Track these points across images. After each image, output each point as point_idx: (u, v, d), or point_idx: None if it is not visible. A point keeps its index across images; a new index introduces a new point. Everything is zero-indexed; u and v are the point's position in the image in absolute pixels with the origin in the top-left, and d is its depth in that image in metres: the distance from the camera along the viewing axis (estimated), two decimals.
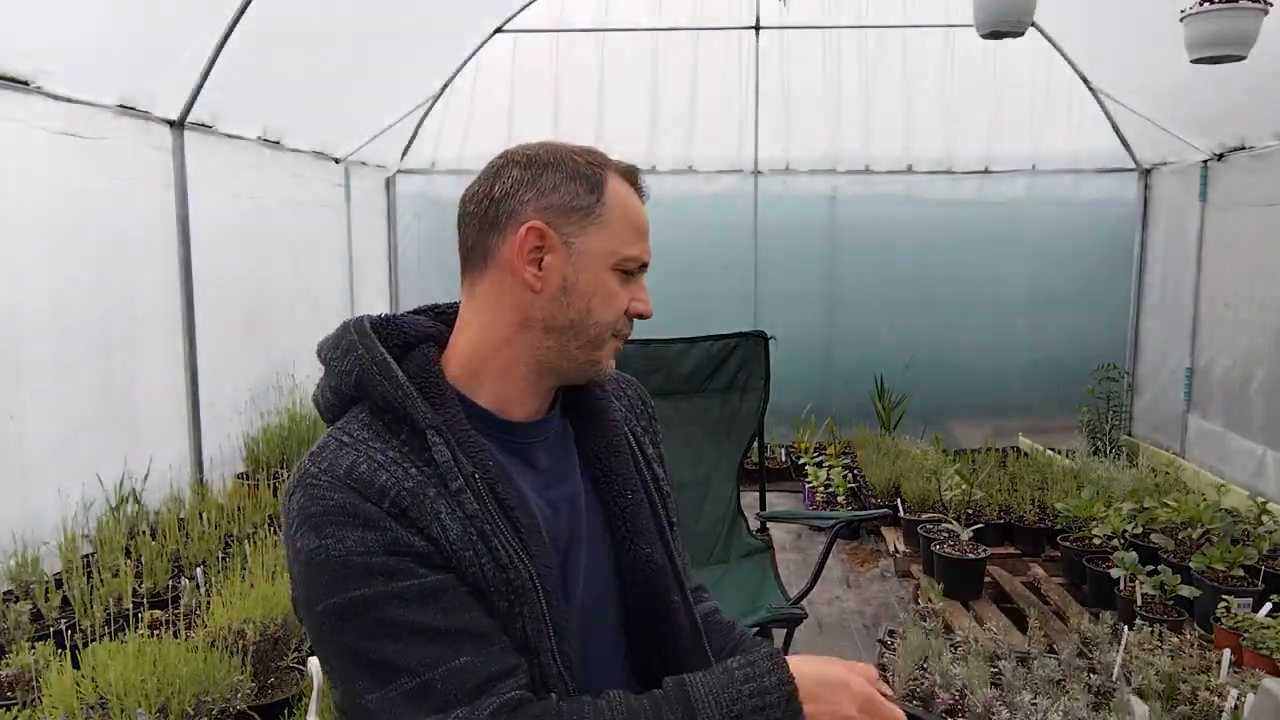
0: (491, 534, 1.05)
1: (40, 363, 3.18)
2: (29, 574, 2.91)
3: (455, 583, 1.03)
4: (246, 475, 4.30)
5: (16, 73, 2.97)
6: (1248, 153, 4.75)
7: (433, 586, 1.01)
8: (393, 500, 1.03)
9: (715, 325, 3.47)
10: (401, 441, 1.09)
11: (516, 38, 5.97)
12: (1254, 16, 3.19)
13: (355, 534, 1.01)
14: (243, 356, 4.46)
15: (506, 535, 1.06)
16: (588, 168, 1.16)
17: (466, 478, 1.07)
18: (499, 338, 1.16)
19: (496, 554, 1.04)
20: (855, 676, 1.06)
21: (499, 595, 1.05)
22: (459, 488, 1.06)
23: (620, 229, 1.17)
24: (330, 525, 1.01)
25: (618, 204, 1.17)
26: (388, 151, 6.03)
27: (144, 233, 3.76)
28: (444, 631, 1.00)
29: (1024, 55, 5.62)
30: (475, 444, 1.11)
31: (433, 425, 1.10)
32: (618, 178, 1.19)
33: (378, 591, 0.99)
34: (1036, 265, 6.17)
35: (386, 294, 6.34)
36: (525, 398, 1.20)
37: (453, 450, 1.08)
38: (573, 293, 1.14)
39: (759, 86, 6.01)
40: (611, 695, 1.03)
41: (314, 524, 1.01)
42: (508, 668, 1.02)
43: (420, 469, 1.07)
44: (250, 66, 3.92)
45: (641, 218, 1.21)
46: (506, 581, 1.05)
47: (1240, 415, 4.79)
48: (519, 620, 1.05)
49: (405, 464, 1.07)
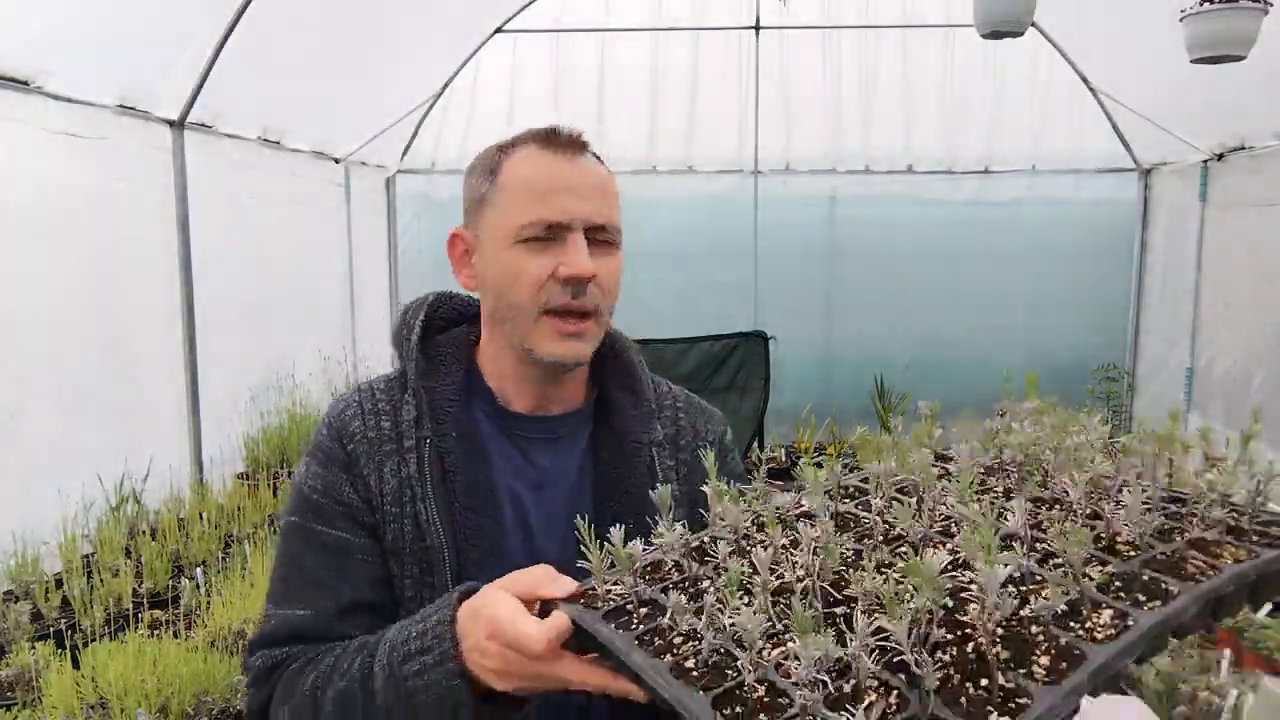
0: (420, 498, 1.12)
1: (40, 362, 3.17)
2: (29, 574, 2.91)
3: (364, 547, 1.14)
4: (246, 475, 4.29)
5: (16, 73, 2.96)
6: (1248, 153, 4.74)
7: (338, 544, 1.14)
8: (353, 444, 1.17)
9: (715, 325, 3.47)
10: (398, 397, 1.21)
11: (516, 38, 5.97)
12: (1254, 16, 3.19)
13: (315, 469, 1.18)
14: (243, 357, 4.45)
15: (433, 502, 1.12)
16: (493, 155, 1.20)
17: (418, 440, 1.15)
18: (486, 329, 1.25)
19: (418, 518, 1.12)
20: (500, 595, 0.91)
21: (413, 559, 1.12)
22: (409, 447, 1.15)
23: (515, 199, 1.14)
24: (309, 456, 1.21)
25: (513, 176, 1.16)
26: (388, 151, 6.02)
27: (144, 233, 3.76)
28: (320, 584, 1.13)
29: (1024, 55, 5.61)
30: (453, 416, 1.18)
31: (414, 388, 1.19)
32: (527, 147, 1.17)
33: (303, 524, 1.16)
34: (1036, 265, 6.17)
35: (386, 294, 6.33)
36: (520, 387, 1.23)
37: (420, 413, 1.17)
38: (486, 282, 1.20)
39: (759, 86, 6.00)
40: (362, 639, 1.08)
41: (307, 451, 1.22)
42: (315, 633, 1.11)
43: (394, 423, 1.18)
44: (250, 67, 3.91)
45: (546, 177, 1.15)
46: (423, 549, 1.11)
47: (1241, 415, 4.79)
48: (427, 589, 1.12)
49: (385, 416, 1.19)
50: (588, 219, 1.13)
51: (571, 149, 1.16)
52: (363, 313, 5.90)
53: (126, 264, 3.65)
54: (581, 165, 1.16)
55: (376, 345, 5.92)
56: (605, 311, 1.19)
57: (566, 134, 1.17)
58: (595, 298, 1.15)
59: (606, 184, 1.19)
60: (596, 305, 1.16)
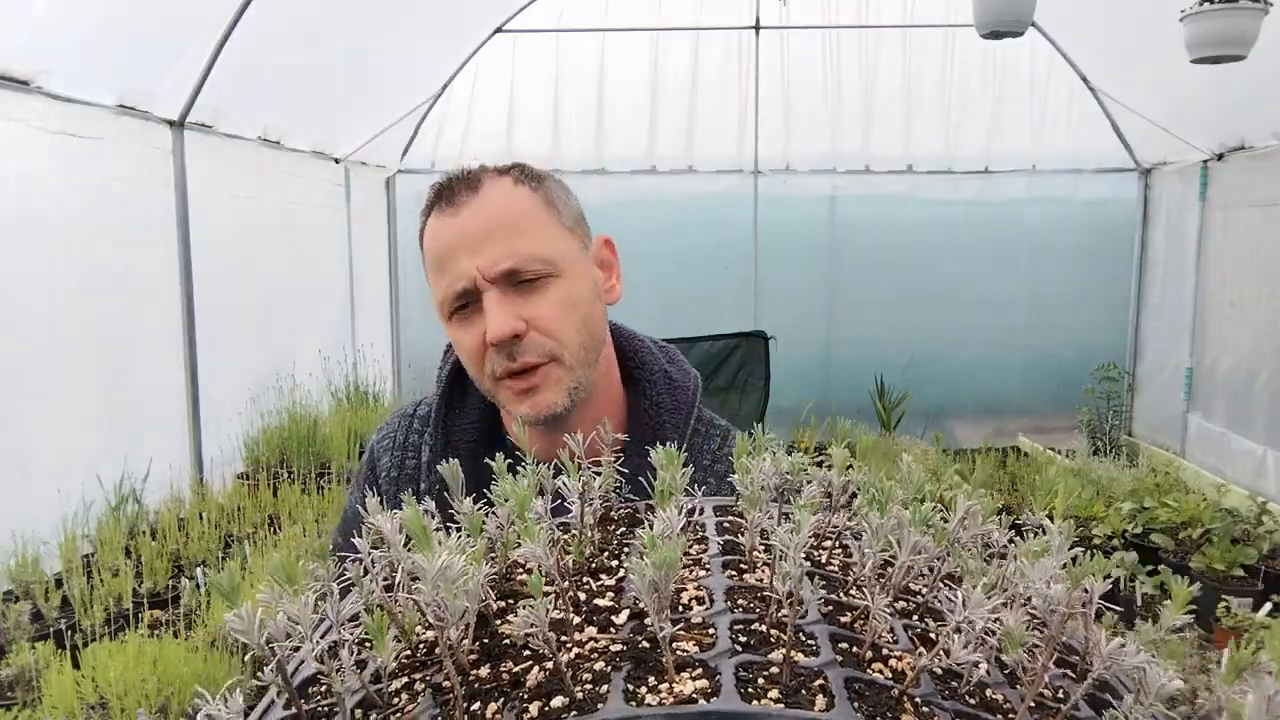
0: None
1: (40, 362, 3.17)
2: (29, 574, 2.91)
3: None
4: (246, 475, 4.29)
5: (16, 73, 2.96)
6: (1248, 153, 4.74)
7: None
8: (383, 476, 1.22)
9: (715, 325, 3.47)
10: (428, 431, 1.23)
11: (516, 38, 5.97)
12: (1254, 16, 3.19)
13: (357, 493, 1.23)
14: (243, 356, 4.45)
15: None
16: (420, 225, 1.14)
17: (430, 484, 1.16)
18: None
19: None
20: None
21: None
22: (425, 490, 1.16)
23: (431, 276, 1.09)
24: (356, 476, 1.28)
25: (425, 251, 1.11)
26: (388, 151, 6.02)
27: (144, 233, 3.75)
28: None
29: (1024, 55, 5.62)
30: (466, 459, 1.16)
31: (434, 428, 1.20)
32: (431, 212, 1.10)
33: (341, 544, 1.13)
34: (1036, 265, 6.17)
35: (386, 294, 6.33)
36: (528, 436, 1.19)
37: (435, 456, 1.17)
38: None
39: (759, 86, 6.00)
40: None
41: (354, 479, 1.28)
42: None
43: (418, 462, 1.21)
44: (250, 67, 3.91)
45: (440, 244, 1.07)
46: None
47: (1241, 415, 4.79)
48: None
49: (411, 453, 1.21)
50: (487, 271, 1.04)
51: (460, 194, 1.07)
52: (363, 313, 5.90)
53: (126, 264, 3.65)
54: (468, 212, 1.06)
55: (377, 345, 5.93)
56: (564, 352, 1.08)
57: (452, 181, 1.09)
58: (539, 348, 1.07)
59: (508, 216, 1.07)
60: (549, 352, 1.07)
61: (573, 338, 1.08)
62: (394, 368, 6.36)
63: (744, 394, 3.20)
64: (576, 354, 1.09)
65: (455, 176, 1.08)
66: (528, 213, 1.07)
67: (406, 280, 6.39)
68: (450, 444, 1.18)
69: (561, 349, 1.07)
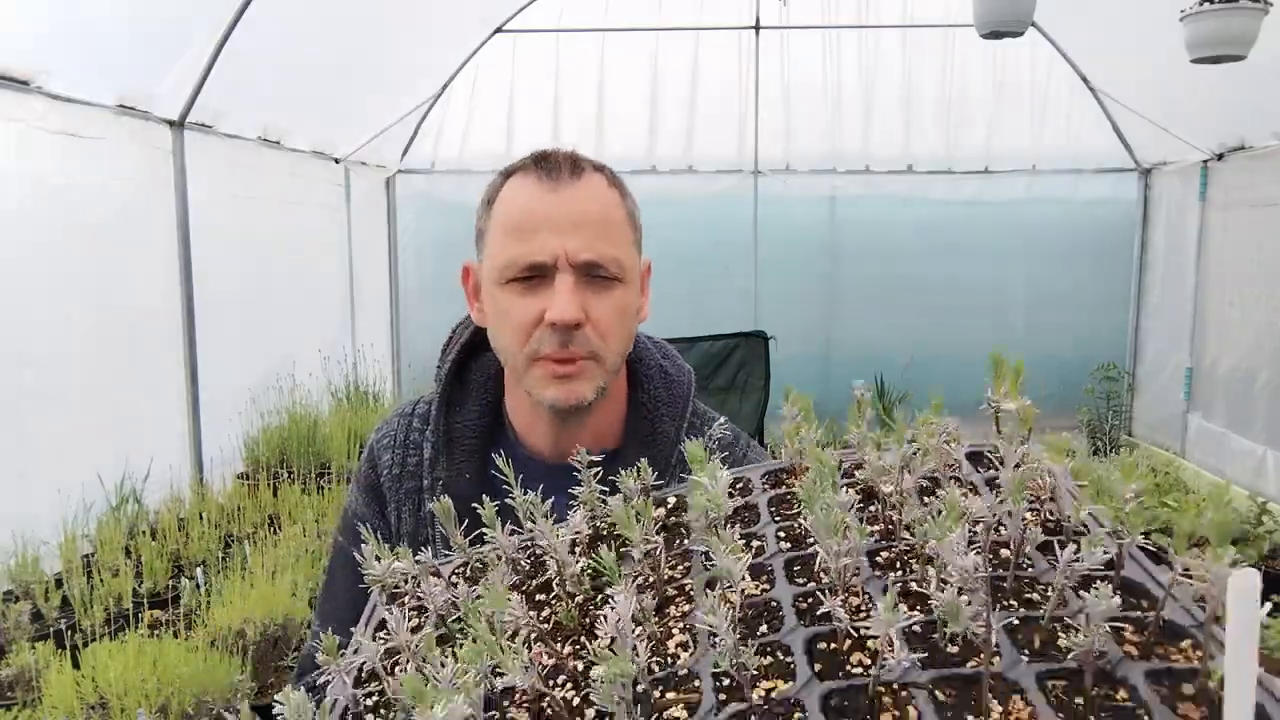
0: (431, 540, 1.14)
1: (40, 362, 3.17)
2: (29, 574, 2.91)
3: None
4: (246, 475, 4.29)
5: (16, 73, 2.96)
6: (1248, 153, 4.74)
7: None
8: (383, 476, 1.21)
9: (715, 325, 3.47)
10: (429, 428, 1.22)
11: (516, 38, 5.97)
12: (1254, 16, 3.19)
13: (356, 493, 1.24)
14: (243, 356, 4.45)
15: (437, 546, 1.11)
16: (496, 182, 1.13)
17: (433, 481, 1.15)
18: None
19: None
20: None
21: None
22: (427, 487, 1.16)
23: (498, 236, 1.08)
24: (355, 477, 1.27)
25: (500, 210, 1.09)
26: (388, 151, 6.02)
27: (144, 233, 3.75)
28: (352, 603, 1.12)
29: (1024, 55, 5.62)
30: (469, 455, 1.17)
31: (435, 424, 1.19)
32: (518, 175, 1.10)
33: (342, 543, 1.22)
34: (1036, 265, 6.17)
35: (386, 294, 6.33)
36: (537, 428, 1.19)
37: (437, 453, 1.17)
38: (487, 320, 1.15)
39: (759, 86, 6.00)
40: None
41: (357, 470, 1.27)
42: None
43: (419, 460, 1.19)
44: (250, 67, 3.91)
45: (526, 211, 1.06)
46: None
47: (1241, 415, 4.79)
48: None
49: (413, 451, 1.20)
50: (573, 256, 1.05)
51: (563, 173, 1.08)
52: (363, 313, 5.90)
53: (126, 264, 3.65)
54: (569, 194, 1.07)
55: (377, 345, 5.92)
56: (607, 355, 1.11)
57: (557, 157, 1.09)
58: (589, 343, 1.07)
59: (601, 213, 1.09)
60: (595, 350, 1.08)
61: (616, 343, 1.12)
62: (394, 368, 6.36)
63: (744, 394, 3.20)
64: (613, 359, 1.13)
65: (557, 153, 1.10)
66: (615, 216, 1.12)
67: (406, 280, 6.39)
68: (452, 440, 1.18)
69: (606, 350, 1.10)
